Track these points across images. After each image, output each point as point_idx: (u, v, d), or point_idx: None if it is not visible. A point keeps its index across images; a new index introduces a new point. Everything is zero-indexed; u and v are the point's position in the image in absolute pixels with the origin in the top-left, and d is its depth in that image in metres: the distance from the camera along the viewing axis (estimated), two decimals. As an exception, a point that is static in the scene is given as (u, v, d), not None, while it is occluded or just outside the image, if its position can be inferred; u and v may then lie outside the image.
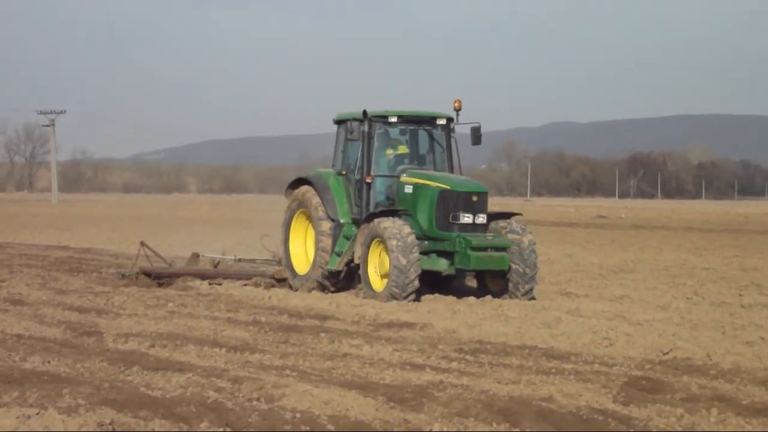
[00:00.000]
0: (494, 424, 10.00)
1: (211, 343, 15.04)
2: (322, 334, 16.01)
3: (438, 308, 19.17)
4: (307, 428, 9.69)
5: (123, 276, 23.74)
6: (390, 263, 20.08)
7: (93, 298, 20.21)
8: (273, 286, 22.96)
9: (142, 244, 24.54)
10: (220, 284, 22.84)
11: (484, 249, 20.36)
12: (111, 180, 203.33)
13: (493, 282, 21.27)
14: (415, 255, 20.06)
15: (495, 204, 22.12)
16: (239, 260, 25.08)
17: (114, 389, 11.40)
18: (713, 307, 19.75)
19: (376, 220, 20.76)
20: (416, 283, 20.04)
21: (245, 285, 22.75)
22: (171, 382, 11.97)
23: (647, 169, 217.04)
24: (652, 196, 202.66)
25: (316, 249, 22.13)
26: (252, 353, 14.29)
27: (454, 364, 13.54)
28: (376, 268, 20.73)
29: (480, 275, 21.56)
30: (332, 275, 22.02)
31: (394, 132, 22.27)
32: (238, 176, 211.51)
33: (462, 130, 22.31)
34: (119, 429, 9.64)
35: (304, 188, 22.69)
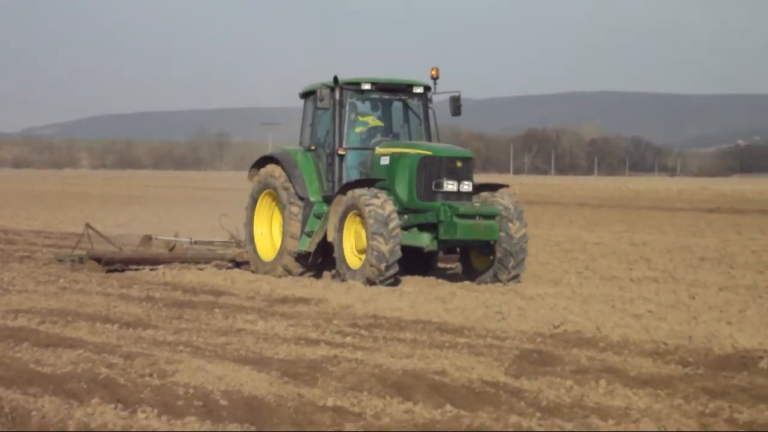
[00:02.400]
0: (387, 398, 10.06)
1: (103, 319, 14.87)
2: (217, 310, 15.93)
3: (333, 283, 19.19)
4: (200, 403, 9.64)
5: (63, 261, 21.62)
6: (368, 245, 18.46)
7: (-19, 275, 19.83)
8: (232, 269, 21.42)
9: (87, 225, 22.58)
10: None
11: (472, 216, 18.72)
12: (0, 155, 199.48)
13: (479, 260, 19.68)
14: (396, 231, 18.46)
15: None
16: (195, 243, 22.98)
17: (2, 366, 11.22)
18: (603, 281, 20.08)
19: (350, 192, 19.08)
20: (396, 267, 18.49)
21: (202, 269, 21.03)
22: (62, 359, 11.82)
23: (541, 146, 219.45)
24: (545, 172, 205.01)
25: (285, 231, 20.56)
26: (145, 329, 14.17)
27: (348, 339, 13.57)
28: (353, 245, 19.12)
29: (465, 253, 19.96)
30: (302, 257, 20.39)
31: (367, 102, 20.69)
32: (132, 152, 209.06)
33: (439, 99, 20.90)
34: (8, 406, 9.49)
35: (270, 167, 21.11)
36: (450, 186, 19.05)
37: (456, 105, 20.56)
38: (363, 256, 18.73)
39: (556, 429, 8.80)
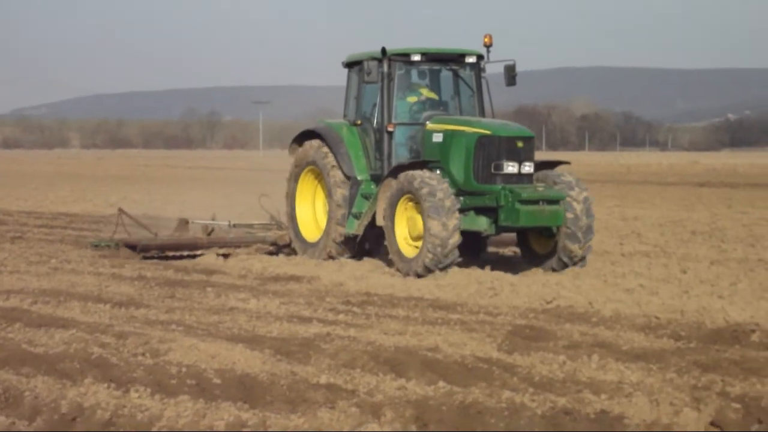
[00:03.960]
0: (380, 375, 10.07)
1: (96, 298, 14.86)
2: (209, 289, 15.93)
3: (325, 261, 19.18)
4: (194, 382, 9.65)
5: (98, 247, 20.39)
6: (425, 229, 17.05)
7: (-27, 256, 19.81)
8: (274, 253, 20.33)
9: (120, 211, 21.34)
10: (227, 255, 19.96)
11: (535, 202, 17.27)
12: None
13: (539, 243, 18.23)
14: (456, 218, 17.03)
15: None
16: (234, 226, 21.64)
17: (-5, 347, 11.21)
18: (595, 256, 20.06)
19: (403, 174, 17.65)
20: (456, 253, 17.03)
21: (246, 255, 19.94)
22: (54, 339, 11.81)
23: (532, 121, 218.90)
24: (537, 148, 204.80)
25: (330, 212, 19.17)
26: (137, 308, 14.17)
27: (341, 317, 13.59)
28: (407, 231, 17.65)
29: (523, 236, 18.46)
30: (349, 240, 19.06)
31: (416, 73, 19.25)
32: (123, 131, 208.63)
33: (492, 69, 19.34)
34: (0, 386, 9.49)
35: (313, 143, 19.63)
36: (510, 168, 17.58)
37: (511, 75, 19.19)
38: (418, 244, 17.36)
39: (549, 404, 8.81)
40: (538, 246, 18.23)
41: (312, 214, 20.04)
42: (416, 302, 14.56)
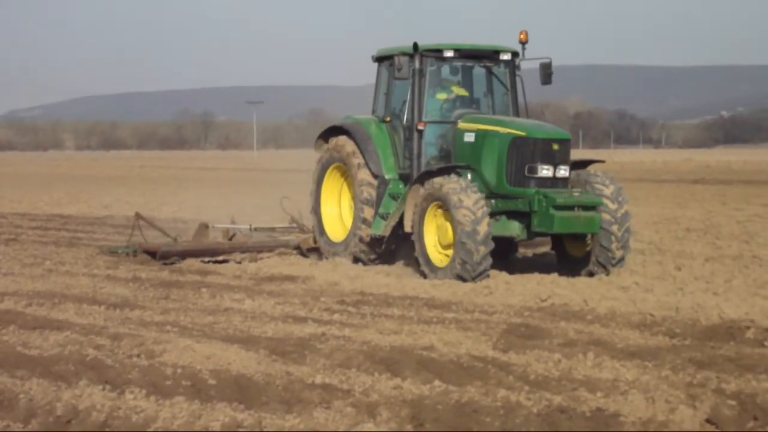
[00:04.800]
0: (376, 374, 10.07)
1: (90, 300, 14.84)
2: (204, 289, 15.91)
3: (320, 261, 19.16)
4: (189, 383, 9.64)
5: (115, 254, 19.90)
6: (456, 237, 16.40)
7: (-33, 258, 19.78)
8: (299, 256, 19.70)
9: (138, 216, 20.70)
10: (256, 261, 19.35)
11: (570, 208, 16.62)
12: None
13: (575, 246, 17.62)
14: (487, 226, 16.39)
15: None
16: (255, 229, 20.95)
17: (-10, 349, 11.19)
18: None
19: (430, 182, 17.00)
20: (489, 260, 16.40)
21: (268, 258, 19.49)
22: (48, 341, 11.80)
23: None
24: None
25: (356, 211, 18.61)
26: (132, 310, 14.15)
27: (336, 316, 13.58)
28: (436, 239, 17.02)
29: (558, 239, 17.91)
30: (375, 242, 18.41)
31: (448, 70, 18.60)
32: (116, 132, 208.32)
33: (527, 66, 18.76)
34: (-5, 389, 9.47)
35: (340, 139, 19.03)
36: (545, 171, 16.94)
37: (546, 73, 18.44)
38: (448, 252, 16.75)
39: (545, 402, 8.81)
40: (574, 249, 17.66)
41: (338, 212, 19.51)
42: (411, 301, 14.55)
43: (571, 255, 17.64)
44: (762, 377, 9.67)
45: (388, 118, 18.58)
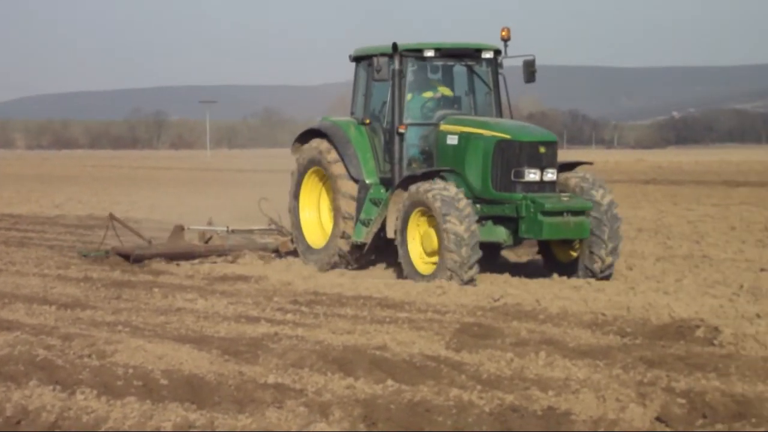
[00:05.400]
0: (329, 374, 10.06)
1: (41, 300, 14.74)
2: (156, 289, 15.84)
3: (273, 261, 19.11)
4: (140, 383, 9.59)
5: (87, 256, 19.27)
6: (442, 245, 15.92)
7: None
8: (276, 259, 19.25)
9: (111, 217, 19.91)
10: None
11: (559, 213, 16.16)
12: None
13: (563, 251, 17.17)
14: (474, 231, 15.90)
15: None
16: (232, 231, 20.09)
17: (-62, 350, 11.07)
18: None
19: (414, 186, 16.47)
20: (477, 268, 15.94)
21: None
22: (-2, 342, 11.68)
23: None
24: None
25: (336, 217, 17.96)
26: (83, 310, 14.06)
27: (289, 316, 13.56)
28: (420, 246, 16.56)
29: (545, 244, 17.34)
30: (356, 249, 17.89)
31: (428, 70, 18.00)
32: (68, 131, 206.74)
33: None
34: (-56, 390, 9.37)
35: (318, 142, 18.38)
36: (532, 175, 16.42)
37: (530, 71, 17.90)
38: (434, 260, 16.29)
39: (497, 401, 8.85)
40: (562, 255, 17.20)
41: (317, 217, 18.86)
42: (364, 301, 14.55)
43: (559, 260, 17.18)
44: (711, 376, 9.77)
45: (367, 120, 17.99)
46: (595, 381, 9.66)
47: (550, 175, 16.57)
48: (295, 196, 18.81)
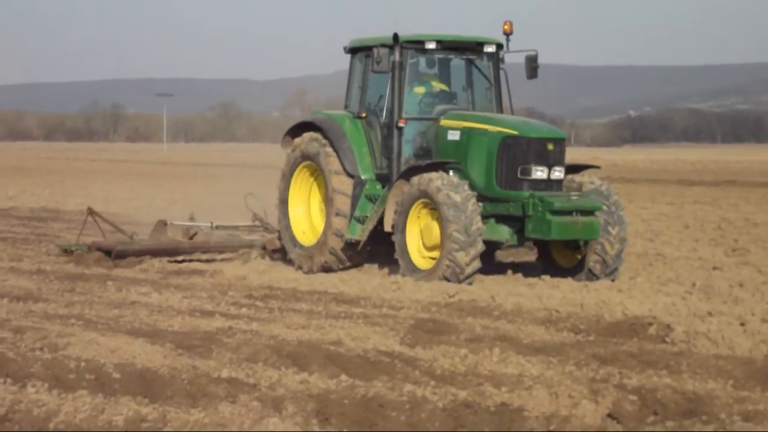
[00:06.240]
0: (282, 369, 10.05)
1: (-8, 293, 14.60)
2: (110, 283, 15.75)
3: (229, 255, 19.03)
4: (92, 376, 9.53)
5: (67, 252, 18.63)
6: (444, 237, 15.46)
7: None
8: (264, 258, 18.57)
9: (91, 211, 19.26)
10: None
11: (569, 213, 15.64)
12: None
13: (563, 255, 16.68)
14: (478, 225, 15.47)
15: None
16: (217, 227, 19.36)
17: None
18: (498, 251, 20.19)
19: (417, 177, 15.99)
20: (479, 263, 15.52)
21: (230, 260, 18.33)
22: (-51, 334, 11.58)
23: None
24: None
25: (330, 214, 17.14)
26: (36, 302, 13.96)
27: (243, 310, 13.52)
28: (419, 242, 16.08)
29: (543, 246, 16.81)
30: (349, 247, 17.11)
31: (428, 62, 17.50)
32: (22, 123, 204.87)
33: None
34: None
35: (311, 135, 17.62)
36: (539, 173, 15.91)
37: (532, 66, 17.50)
38: (432, 255, 15.86)
39: (450, 397, 8.87)
40: (562, 258, 16.70)
41: (307, 215, 18.09)
42: (320, 296, 14.54)
43: (560, 265, 16.65)
44: (663, 373, 9.84)
45: (363, 114, 17.36)
46: (548, 377, 9.70)
47: (558, 173, 16.11)
48: (285, 191, 18.02)
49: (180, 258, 18.35)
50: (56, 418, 8.34)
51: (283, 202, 18.00)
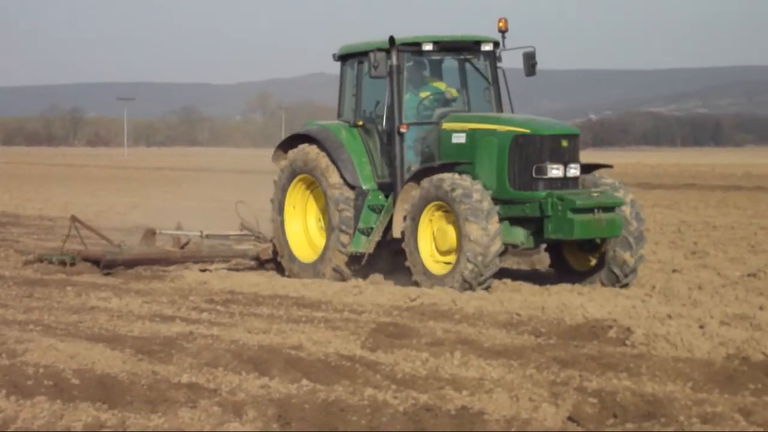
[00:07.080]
0: (243, 373, 10.02)
1: (-50, 298, 14.47)
2: (69, 288, 15.65)
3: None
4: (51, 382, 9.46)
5: (50, 261, 17.84)
6: (462, 236, 14.95)
7: None
8: (255, 268, 18.25)
9: (74, 219, 18.56)
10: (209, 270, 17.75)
11: (590, 210, 15.09)
12: None
13: (577, 258, 16.25)
14: (496, 222, 14.98)
15: (249, 155, 18.77)
16: (207, 236, 18.60)
17: None
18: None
19: (427, 179, 15.49)
20: (497, 262, 15.12)
21: (221, 270, 17.90)
22: None
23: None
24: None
25: (330, 228, 16.65)
26: (-6, 308, 13.83)
27: (204, 315, 13.48)
28: (432, 247, 15.57)
29: (557, 249, 16.37)
30: (354, 260, 16.64)
31: (425, 65, 17.06)
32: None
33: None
34: None
35: (305, 147, 17.06)
36: (555, 171, 15.37)
37: (531, 63, 17.04)
38: (447, 259, 15.37)
39: (411, 401, 8.86)
40: (576, 262, 16.24)
41: (304, 230, 17.51)
42: (281, 300, 14.51)
43: (574, 269, 16.23)
44: (623, 375, 9.89)
45: (360, 122, 16.83)
46: (508, 381, 9.72)
47: (574, 170, 15.63)
48: (280, 207, 17.44)
49: (171, 267, 17.85)
50: (14, 425, 8.28)
51: (279, 218, 17.46)
